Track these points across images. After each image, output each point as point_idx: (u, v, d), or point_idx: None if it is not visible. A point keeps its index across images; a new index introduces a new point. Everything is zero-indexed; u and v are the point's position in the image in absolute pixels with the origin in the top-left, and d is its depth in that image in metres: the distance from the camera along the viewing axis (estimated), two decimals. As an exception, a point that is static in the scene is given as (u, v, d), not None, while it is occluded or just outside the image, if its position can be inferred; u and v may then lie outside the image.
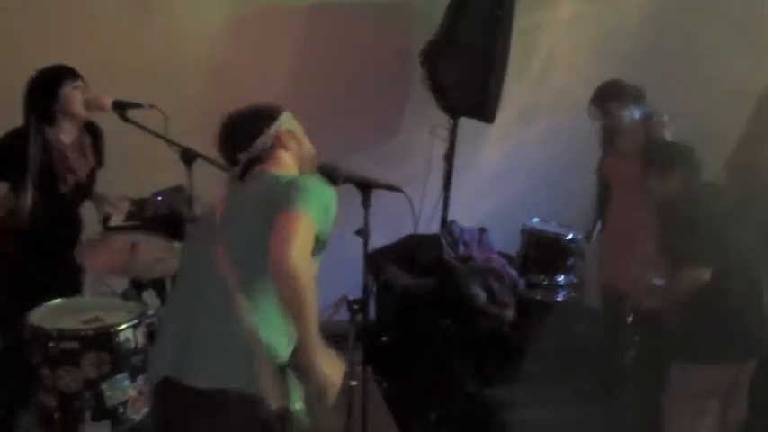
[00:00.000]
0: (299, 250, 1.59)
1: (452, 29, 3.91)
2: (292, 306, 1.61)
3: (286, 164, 1.91)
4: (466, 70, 3.86)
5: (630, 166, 3.05)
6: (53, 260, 2.87)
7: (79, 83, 2.83)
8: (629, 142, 3.33)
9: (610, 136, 3.55)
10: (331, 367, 1.70)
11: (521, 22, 3.87)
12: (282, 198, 1.70)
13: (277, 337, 1.69)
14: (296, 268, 1.57)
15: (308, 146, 1.99)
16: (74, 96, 2.80)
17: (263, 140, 1.88)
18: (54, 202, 2.87)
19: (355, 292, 2.30)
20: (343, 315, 2.28)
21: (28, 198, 2.73)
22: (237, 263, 1.72)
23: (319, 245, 1.72)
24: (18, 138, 2.77)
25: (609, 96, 3.41)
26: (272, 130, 1.90)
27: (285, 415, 1.60)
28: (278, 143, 1.90)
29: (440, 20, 3.96)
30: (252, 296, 1.69)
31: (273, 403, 1.59)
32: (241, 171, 1.89)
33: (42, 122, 2.79)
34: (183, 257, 1.97)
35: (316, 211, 1.69)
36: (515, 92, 4.21)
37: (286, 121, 1.94)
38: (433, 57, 3.98)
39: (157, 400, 1.81)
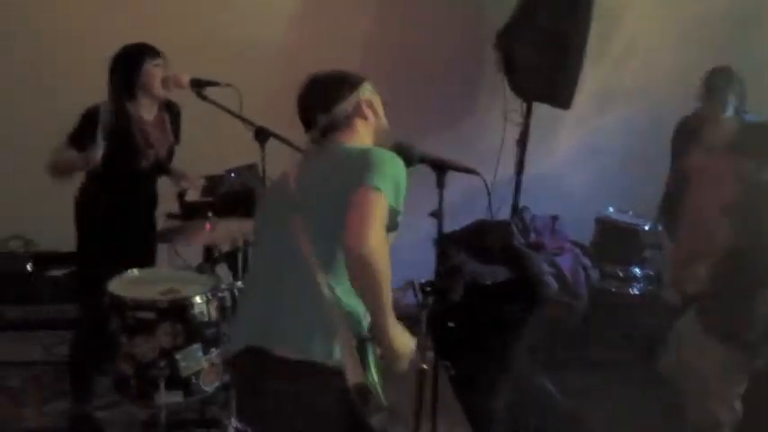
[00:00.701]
0: (376, 235, 1.57)
1: (529, 11, 3.80)
2: (366, 291, 1.61)
3: (361, 134, 1.90)
4: (542, 54, 3.74)
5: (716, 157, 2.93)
6: (130, 233, 2.96)
7: (160, 60, 2.89)
8: (719, 135, 3.22)
9: (699, 127, 3.46)
10: (402, 338, 1.70)
11: (603, 3, 3.73)
12: (357, 171, 1.68)
13: (356, 307, 1.69)
14: (372, 255, 1.55)
15: (383, 120, 1.97)
16: (154, 73, 2.86)
17: (345, 106, 1.87)
18: (134, 177, 2.95)
19: (422, 275, 2.26)
20: (409, 299, 2.25)
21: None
22: (314, 234, 1.72)
23: (393, 221, 1.70)
24: (100, 111, 2.85)
25: (720, 79, 3.41)
26: (354, 97, 1.89)
27: (363, 389, 1.59)
28: (358, 112, 1.89)
29: (516, 1, 3.86)
30: (330, 268, 1.69)
31: (351, 376, 1.59)
32: (319, 134, 1.88)
33: (123, 97, 2.86)
34: (257, 227, 1.97)
35: (389, 186, 1.67)
36: (594, 77, 4.07)
37: (367, 90, 1.93)
38: (508, 39, 3.88)
39: (242, 366, 1.81)
